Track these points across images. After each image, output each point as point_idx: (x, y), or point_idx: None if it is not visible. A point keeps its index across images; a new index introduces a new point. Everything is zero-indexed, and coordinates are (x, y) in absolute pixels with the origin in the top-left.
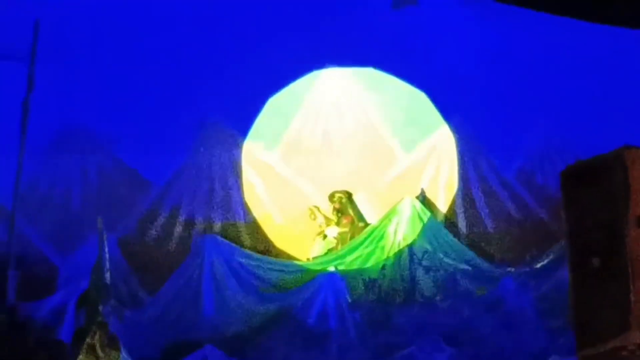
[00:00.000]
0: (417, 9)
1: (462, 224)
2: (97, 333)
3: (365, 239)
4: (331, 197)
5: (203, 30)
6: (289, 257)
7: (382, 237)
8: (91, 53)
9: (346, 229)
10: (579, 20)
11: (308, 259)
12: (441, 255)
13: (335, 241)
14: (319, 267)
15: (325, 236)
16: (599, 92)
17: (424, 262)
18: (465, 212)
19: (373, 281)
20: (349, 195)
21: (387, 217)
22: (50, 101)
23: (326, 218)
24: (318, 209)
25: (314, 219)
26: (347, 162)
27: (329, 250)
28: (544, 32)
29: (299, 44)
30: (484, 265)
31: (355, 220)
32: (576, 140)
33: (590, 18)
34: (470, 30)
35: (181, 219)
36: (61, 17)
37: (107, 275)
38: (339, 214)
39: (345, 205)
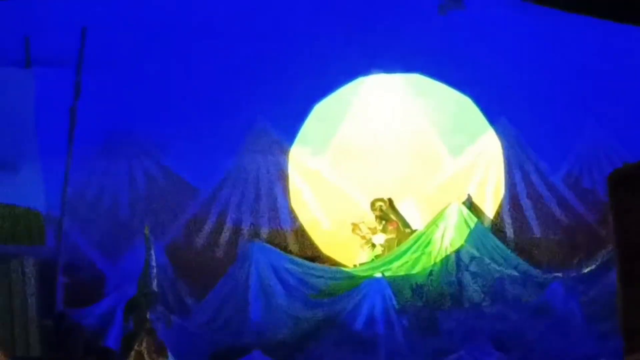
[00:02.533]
0: (463, 14)
1: (509, 230)
2: (145, 340)
3: (412, 244)
4: (372, 205)
5: (250, 36)
6: (336, 263)
7: (428, 243)
8: (138, 59)
9: (393, 235)
10: (628, 25)
11: (355, 266)
12: (488, 261)
13: (382, 248)
14: (366, 274)
15: (373, 245)
16: None
17: (471, 268)
18: (512, 217)
19: (420, 287)
20: (389, 202)
21: (434, 223)
22: (97, 108)
23: (370, 229)
24: (358, 225)
25: (358, 231)
26: (394, 168)
27: (376, 257)
28: (592, 36)
29: (346, 50)
30: (532, 270)
31: (400, 225)
32: (624, 143)
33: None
34: (517, 34)
35: (228, 225)
36: (108, 23)
37: (155, 282)
38: (383, 222)
39: (386, 212)
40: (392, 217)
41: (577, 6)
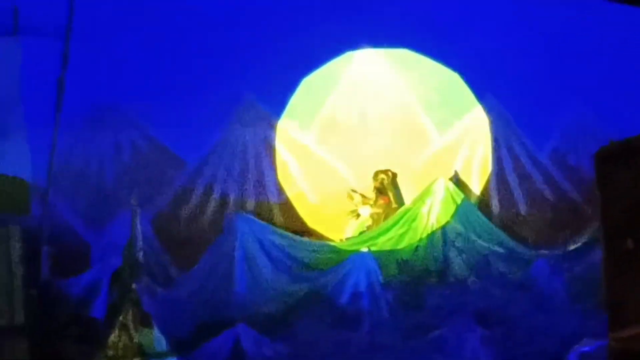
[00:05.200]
0: None
1: (495, 206)
2: (130, 311)
3: (399, 220)
4: (375, 175)
5: (238, 8)
6: (322, 237)
7: (415, 218)
8: (126, 30)
9: (379, 210)
10: (614, 2)
11: (341, 240)
12: (474, 237)
13: (368, 221)
14: (352, 248)
15: (358, 215)
16: (633, 73)
17: (457, 244)
18: (498, 194)
19: (406, 262)
20: (393, 176)
21: (421, 198)
22: (84, 78)
23: (363, 197)
24: (353, 194)
25: (352, 200)
26: (381, 143)
27: (362, 232)
28: (578, 12)
29: (334, 24)
30: (517, 247)
31: (393, 202)
32: (610, 121)
33: (630, 1)
34: (504, 11)
35: (214, 197)
36: None
37: (140, 253)
38: (378, 194)
39: (386, 186)
40: (389, 192)
41: None
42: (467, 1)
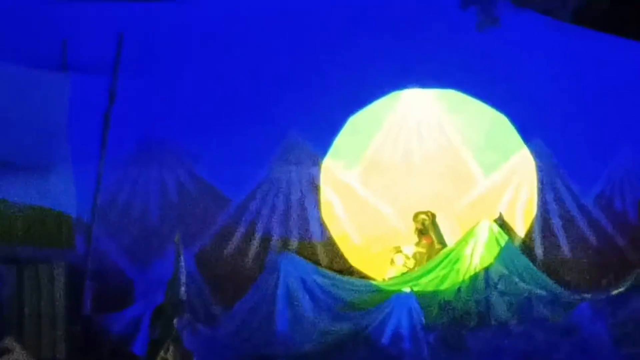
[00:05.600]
0: (501, 32)
1: (539, 249)
2: (171, 347)
3: (442, 260)
4: (415, 217)
5: (286, 47)
6: (365, 277)
7: (458, 260)
8: (173, 67)
9: (423, 250)
10: None
11: (384, 280)
12: (517, 280)
13: (411, 263)
14: (394, 288)
15: (399, 251)
16: None
17: (500, 286)
18: (542, 237)
19: (448, 303)
20: (432, 217)
21: (464, 240)
22: (131, 114)
23: (406, 258)
24: (398, 251)
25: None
26: (426, 184)
27: (404, 274)
28: (627, 57)
29: (382, 63)
30: (560, 290)
31: (435, 242)
32: None
33: None
34: (553, 54)
35: (258, 235)
36: (144, 30)
37: (183, 290)
38: (421, 235)
39: (427, 227)
40: (431, 232)
41: (614, 27)
42: (516, 43)
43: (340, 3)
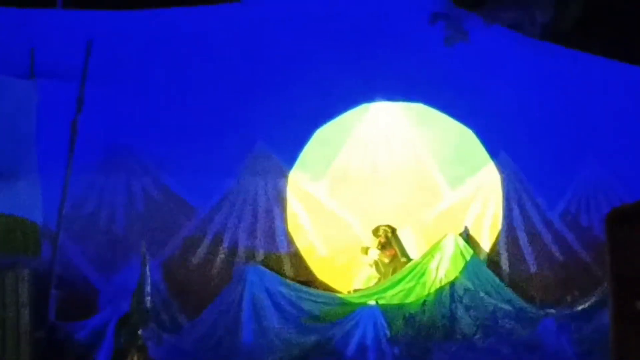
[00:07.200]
0: (469, 47)
1: (504, 264)
2: (135, 356)
3: (407, 274)
4: (376, 231)
5: (254, 59)
6: (331, 289)
7: (424, 273)
8: (141, 76)
9: (386, 260)
10: (629, 64)
11: (349, 292)
12: (482, 294)
13: (376, 276)
14: (359, 301)
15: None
16: None
17: (465, 300)
18: (508, 251)
19: (413, 317)
20: (393, 230)
21: (430, 253)
22: (98, 122)
23: (381, 255)
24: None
25: (366, 254)
26: (393, 196)
27: (376, 283)
28: (593, 74)
29: (350, 75)
30: (525, 305)
31: (399, 254)
32: (622, 182)
33: None
34: (521, 69)
35: (224, 246)
36: (113, 39)
37: (148, 299)
38: (383, 249)
39: (390, 239)
40: (394, 244)
41: (580, 43)
42: (484, 58)
43: (308, 16)
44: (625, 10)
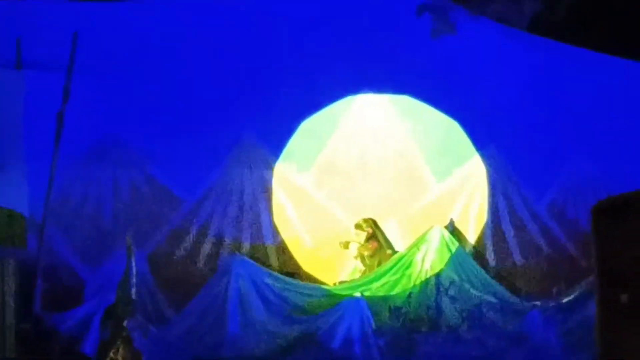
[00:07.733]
0: (455, 39)
1: (490, 256)
2: (121, 348)
3: (393, 266)
4: (358, 226)
5: (240, 50)
6: (316, 281)
7: (409, 265)
8: (128, 67)
9: (369, 252)
10: (619, 58)
11: (335, 284)
12: (467, 286)
13: (362, 268)
14: (345, 292)
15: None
16: (634, 128)
17: (450, 292)
18: (494, 244)
19: (398, 308)
20: (374, 222)
21: (416, 245)
22: (85, 114)
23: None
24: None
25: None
26: (378, 188)
27: (361, 275)
28: (581, 67)
29: (336, 67)
30: (511, 297)
31: (384, 246)
32: (609, 175)
33: (630, 56)
34: (508, 62)
35: (210, 237)
36: (100, 29)
37: (134, 290)
38: (368, 241)
39: (373, 232)
40: (378, 237)
41: (569, 37)
42: (471, 50)
43: (295, 7)
44: (613, 6)
